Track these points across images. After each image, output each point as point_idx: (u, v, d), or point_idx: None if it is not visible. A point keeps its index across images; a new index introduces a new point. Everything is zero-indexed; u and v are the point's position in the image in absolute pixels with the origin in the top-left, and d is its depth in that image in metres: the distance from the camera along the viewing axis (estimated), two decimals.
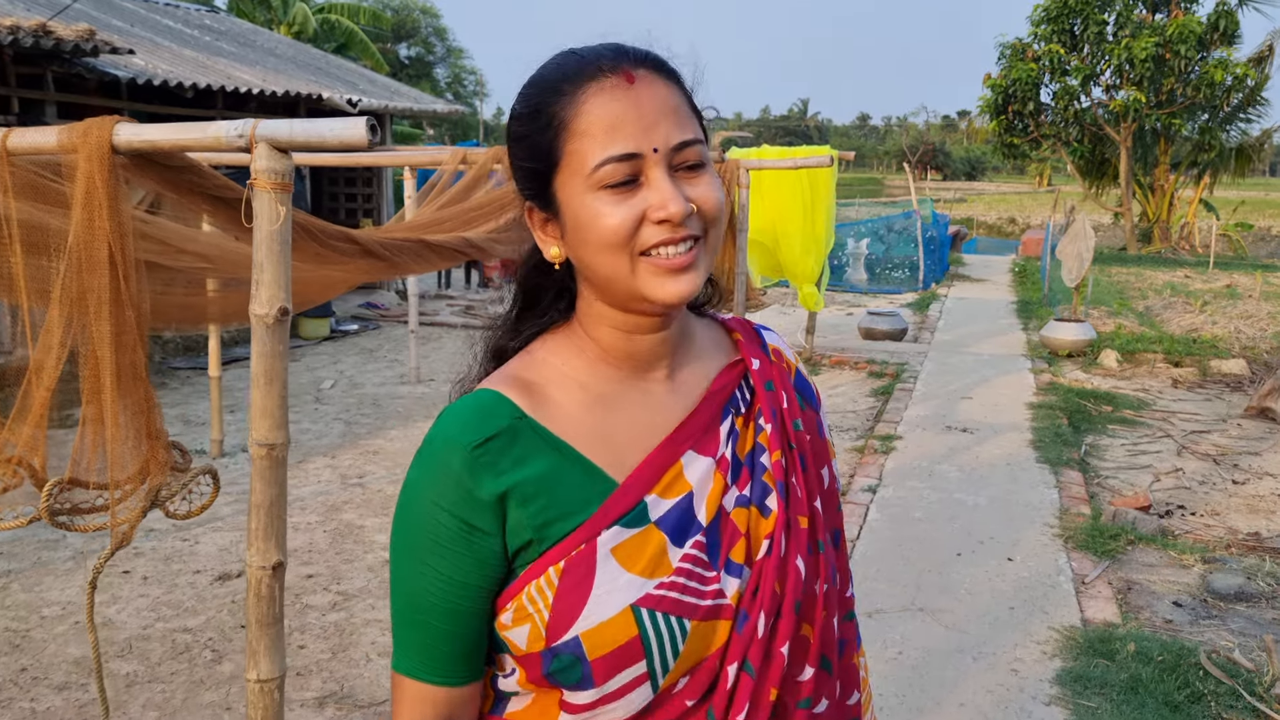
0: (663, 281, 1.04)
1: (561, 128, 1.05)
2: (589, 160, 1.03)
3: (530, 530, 1.05)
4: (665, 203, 1.02)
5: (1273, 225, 42.11)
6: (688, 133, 1.06)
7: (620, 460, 1.10)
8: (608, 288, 1.08)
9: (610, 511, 1.06)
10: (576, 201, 1.05)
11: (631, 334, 1.12)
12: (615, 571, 1.04)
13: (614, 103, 1.03)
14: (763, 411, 1.17)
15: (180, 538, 5.37)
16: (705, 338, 1.23)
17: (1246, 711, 3.74)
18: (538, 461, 1.07)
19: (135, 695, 3.81)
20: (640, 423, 1.13)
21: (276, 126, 2.43)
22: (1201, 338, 11.69)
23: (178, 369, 9.69)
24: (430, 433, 1.09)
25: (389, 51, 40.87)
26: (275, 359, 2.52)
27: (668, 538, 1.07)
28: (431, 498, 1.06)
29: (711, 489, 1.10)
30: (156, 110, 10.38)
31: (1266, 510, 6.24)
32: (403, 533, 1.10)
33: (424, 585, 1.07)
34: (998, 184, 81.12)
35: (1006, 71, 25.15)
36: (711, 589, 1.07)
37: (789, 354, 1.30)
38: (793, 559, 1.11)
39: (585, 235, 1.05)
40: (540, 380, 1.12)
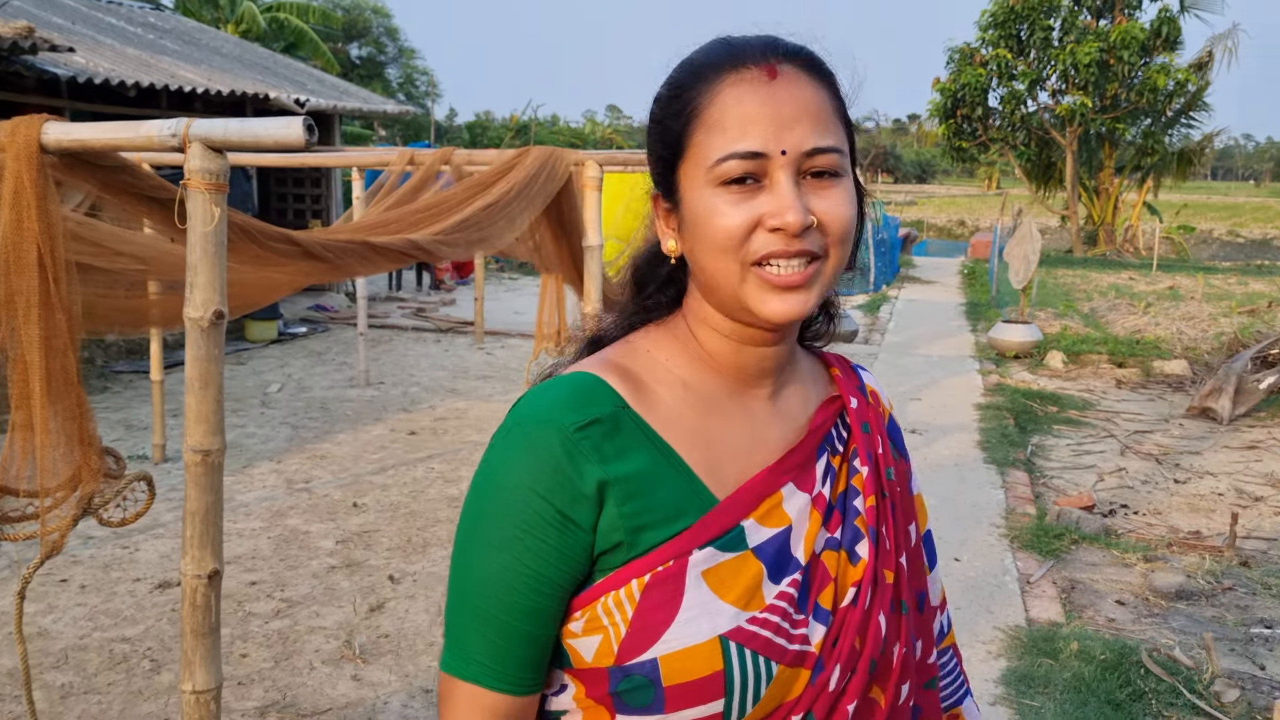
0: (768, 297, 0.97)
1: (693, 116, 0.99)
2: (712, 153, 0.97)
3: (623, 532, 0.96)
4: (782, 210, 0.95)
5: (1214, 228, 43.06)
6: (827, 139, 0.98)
7: (719, 473, 1.02)
8: (716, 291, 1.01)
9: (707, 529, 0.98)
10: (695, 195, 0.99)
11: (740, 343, 1.05)
12: (707, 596, 0.96)
13: (750, 96, 0.97)
14: (859, 453, 1.10)
15: (120, 545, 5.26)
16: (806, 366, 1.16)
17: (1186, 709, 3.80)
18: (639, 457, 0.98)
19: (70, 707, 3.72)
20: (741, 437, 1.05)
21: (211, 126, 2.38)
22: (1145, 339, 11.90)
23: (120, 373, 9.50)
24: (515, 412, 1.00)
25: (340, 51, 40.49)
26: (211, 363, 2.47)
27: (765, 570, 0.99)
28: (524, 482, 0.96)
29: (809, 528, 1.03)
30: (98, 109, 10.18)
31: (1207, 509, 6.35)
32: (481, 520, 0.99)
33: (504, 579, 0.97)
34: (947, 187, 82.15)
35: (955, 76, 25.46)
36: (800, 633, 0.99)
37: (884, 397, 1.23)
38: (876, 613, 1.04)
39: (699, 232, 0.99)
40: (642, 372, 1.05)
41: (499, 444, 0.99)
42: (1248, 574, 5.16)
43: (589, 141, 38.92)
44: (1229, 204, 62.51)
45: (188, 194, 2.39)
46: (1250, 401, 8.73)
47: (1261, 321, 12.86)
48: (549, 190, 4.85)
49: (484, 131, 39.79)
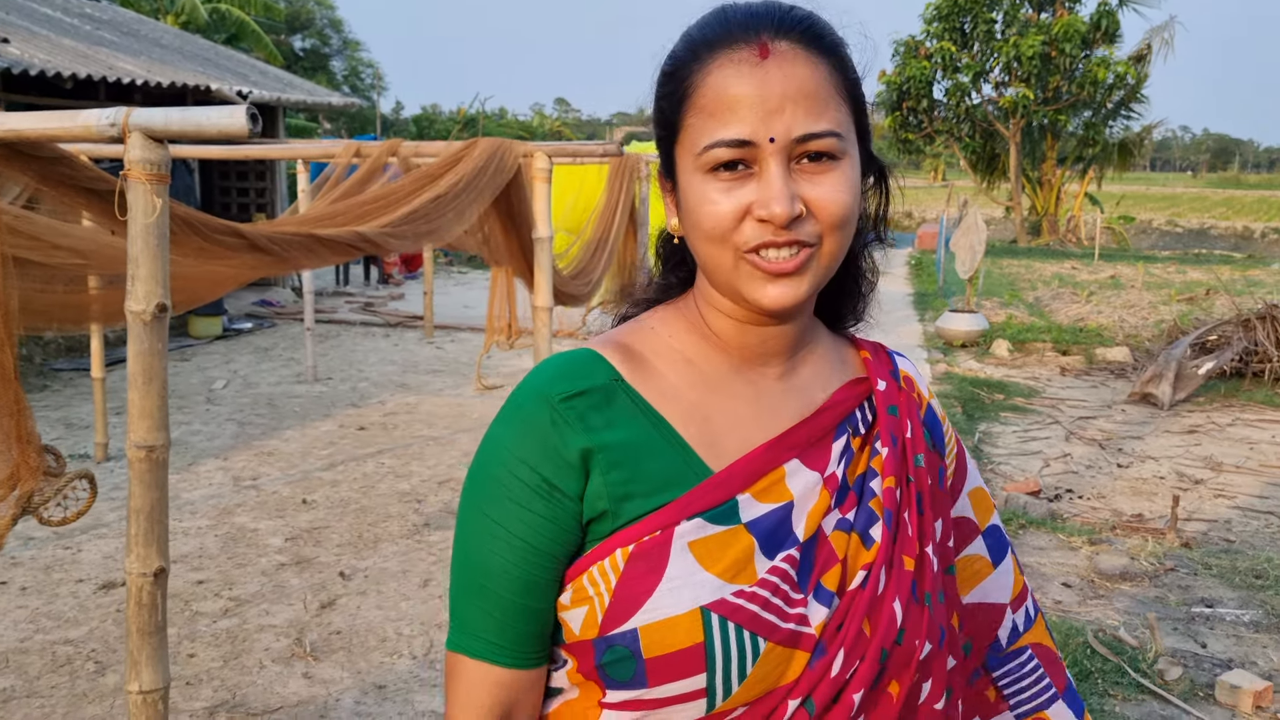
0: (760, 285, 0.95)
1: (685, 97, 0.96)
2: (701, 139, 0.94)
3: (607, 500, 0.96)
4: (769, 200, 0.92)
5: (1153, 218, 43.92)
6: (821, 123, 0.93)
7: (717, 447, 1.00)
8: (711, 276, 1.00)
9: (696, 500, 0.96)
10: (687, 179, 0.97)
11: (743, 323, 1.03)
12: (691, 566, 0.94)
13: (738, 79, 0.92)
14: (881, 436, 1.06)
15: (62, 546, 5.15)
16: (831, 350, 1.12)
17: (1132, 687, 3.87)
18: (628, 428, 0.98)
19: (12, 711, 3.63)
20: (745, 413, 1.03)
21: (151, 115, 2.33)
22: (1088, 327, 12.11)
23: (59, 370, 9.30)
24: (517, 388, 1.01)
25: (283, 43, 39.91)
26: (154, 357, 2.42)
27: (757, 543, 0.96)
28: (513, 452, 0.97)
29: (814, 505, 1.00)
30: (34, 101, 9.94)
31: (1149, 492, 6.48)
32: (475, 491, 1.00)
33: (496, 550, 0.97)
34: (894, 179, 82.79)
35: (901, 68, 25.73)
36: (795, 612, 0.96)
37: (922, 385, 1.17)
38: (889, 599, 0.99)
39: (691, 217, 0.97)
40: (644, 348, 1.04)
41: (497, 419, 1.01)
42: (1189, 555, 5.27)
43: (537, 134, 38.77)
44: (1167, 195, 63.85)
45: (128, 185, 2.34)
46: (1190, 387, 8.92)
47: (1199, 309, 13.15)
48: (498, 182, 4.81)
49: (431, 125, 39.45)
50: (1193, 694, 3.84)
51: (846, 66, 0.98)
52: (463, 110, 40.39)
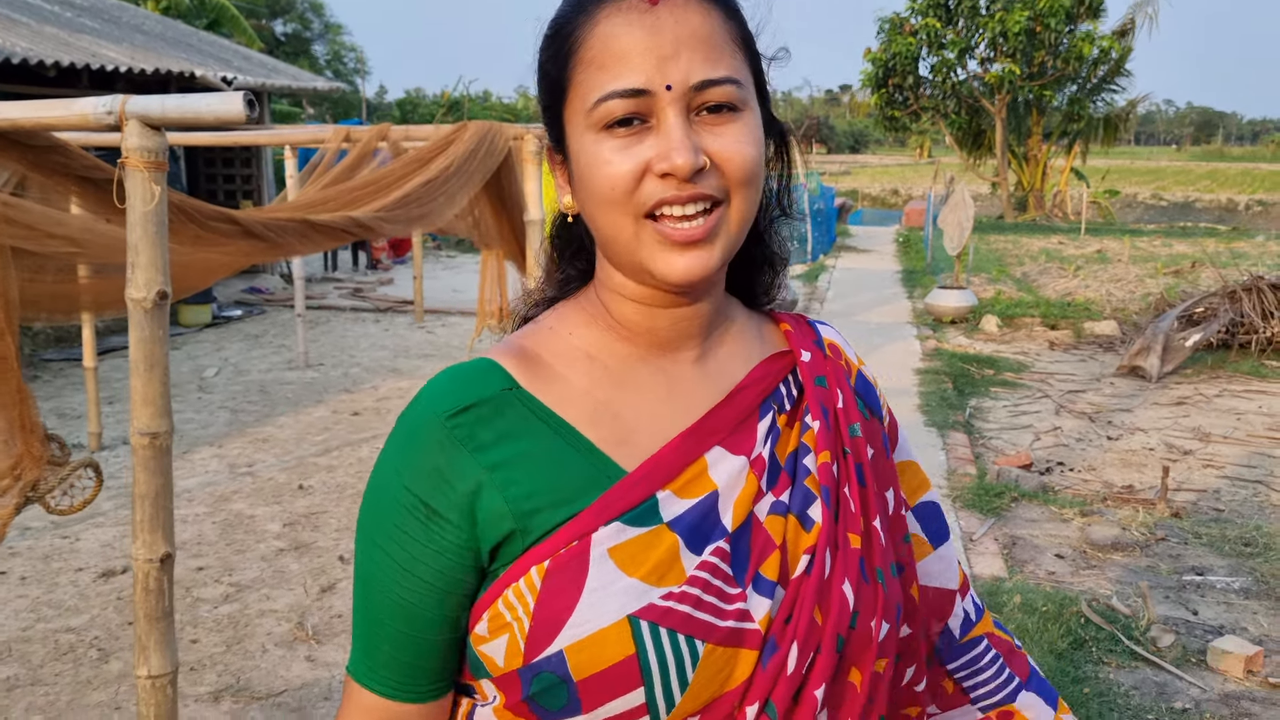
0: (667, 255, 0.87)
1: (571, 54, 0.89)
2: (591, 93, 0.87)
3: (512, 519, 0.88)
4: (669, 151, 0.84)
5: (1138, 192, 44.03)
6: (719, 69, 0.86)
7: (630, 445, 0.92)
8: (613, 251, 0.92)
9: (612, 504, 0.88)
10: (579, 142, 0.89)
11: (649, 306, 0.95)
12: (612, 574, 0.86)
13: (629, 26, 0.86)
14: (810, 409, 0.98)
15: (60, 535, 5.15)
16: (749, 326, 1.05)
17: (1125, 654, 3.93)
18: (527, 439, 0.90)
19: (17, 699, 3.65)
20: (659, 405, 0.95)
21: (148, 103, 2.33)
22: (1075, 301, 12.17)
23: (49, 361, 9.28)
24: (407, 406, 0.95)
25: (264, 28, 39.61)
26: (155, 344, 2.43)
27: (682, 541, 0.88)
28: (398, 477, 0.90)
29: (742, 491, 0.92)
30: (16, 90, 9.86)
31: (1138, 464, 6.54)
32: (365, 518, 0.94)
33: (378, 576, 0.92)
34: (880, 156, 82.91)
35: (886, 45, 25.68)
36: (734, 608, 0.87)
37: (850, 351, 1.10)
38: (838, 582, 0.92)
39: (586, 183, 0.89)
40: (543, 350, 0.96)
41: (389, 438, 0.95)
42: (1179, 524, 5.33)
43: (522, 116, 38.61)
44: (1152, 168, 63.99)
45: (126, 173, 2.34)
46: (1177, 359, 8.98)
47: (1186, 281, 13.22)
48: (489, 165, 4.81)
49: (415, 108, 39.25)
50: (1185, 660, 3.90)
51: (740, 18, 0.92)
52: (447, 94, 40.20)
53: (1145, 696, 3.66)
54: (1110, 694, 3.65)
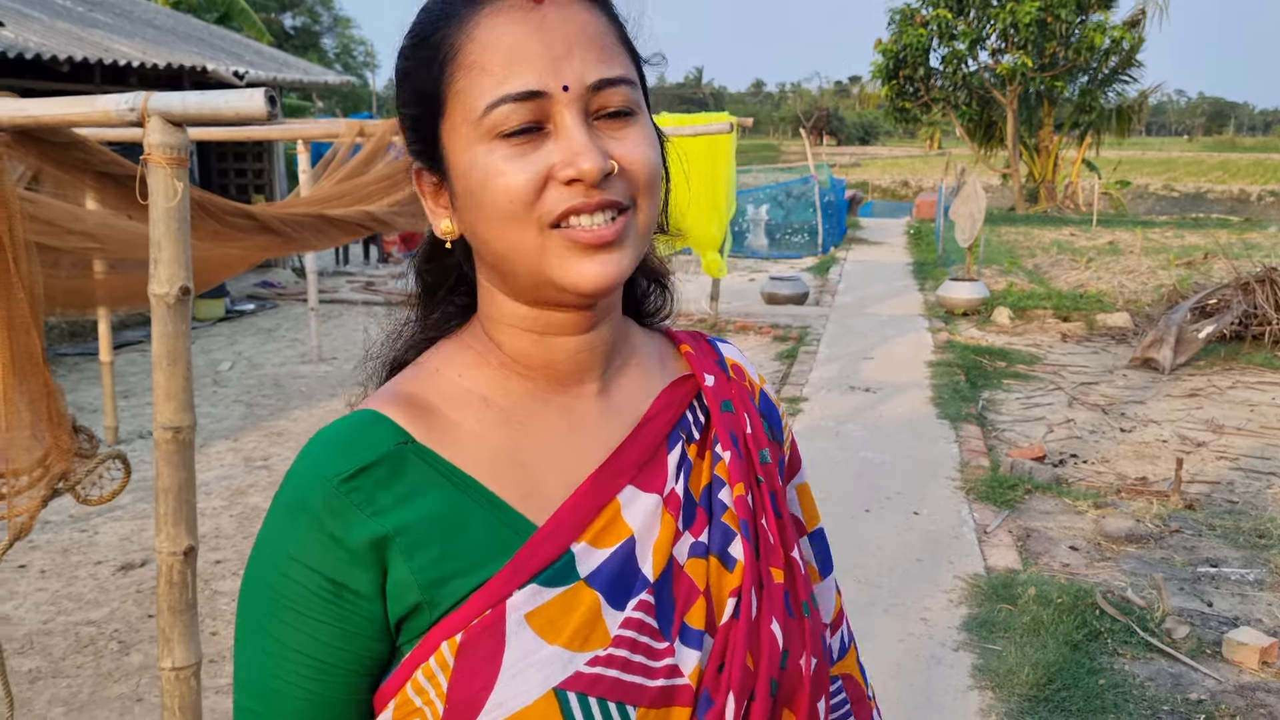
0: (577, 262, 0.80)
1: (449, 60, 0.81)
2: (479, 100, 0.79)
3: (417, 590, 0.79)
4: (574, 156, 0.78)
5: (1150, 183, 43.88)
6: (614, 68, 0.81)
7: (539, 496, 0.85)
8: (509, 271, 0.84)
9: (525, 565, 0.80)
10: (465, 157, 0.81)
11: (545, 335, 0.87)
12: (532, 644, 0.78)
13: (514, 25, 0.79)
14: (720, 438, 0.92)
15: (78, 529, 5.20)
16: (648, 350, 0.98)
17: (1140, 646, 3.94)
18: (429, 499, 0.81)
19: (40, 691, 3.69)
20: (564, 449, 0.88)
21: (170, 99, 2.35)
22: (1087, 293, 12.14)
23: (65, 355, 9.33)
24: (291, 468, 0.84)
25: (273, 22, 39.67)
26: (178, 339, 2.45)
27: (603, 598, 0.81)
28: (286, 550, 0.81)
29: (659, 534, 0.85)
30: (30, 85, 9.91)
31: (1152, 456, 6.54)
32: (249, 601, 0.84)
33: (278, 672, 0.82)
34: (890, 148, 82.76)
35: (897, 37, 25.61)
36: (663, 665, 0.81)
37: (752, 371, 1.04)
38: (765, 622, 0.86)
39: (477, 199, 0.81)
40: (432, 397, 0.87)
41: (270, 509, 0.85)
42: (1193, 516, 5.33)
43: None
44: (1163, 159, 63.73)
45: (148, 169, 2.36)
46: (1190, 351, 8.96)
47: (1198, 273, 13.18)
48: None
49: None
50: (1200, 651, 3.90)
51: (619, 22, 0.86)
52: None
53: (1160, 688, 3.66)
54: (1125, 685, 3.66)
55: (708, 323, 10.65)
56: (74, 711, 3.58)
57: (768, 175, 25.90)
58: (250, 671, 0.84)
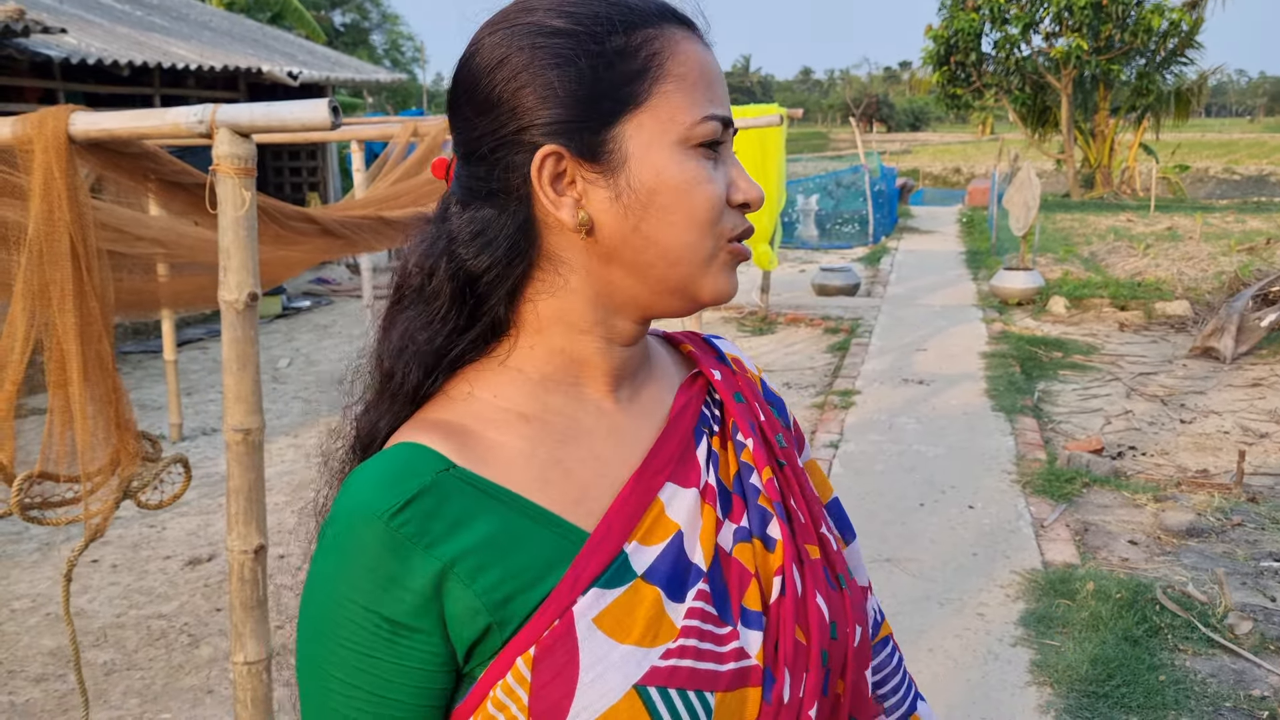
0: (729, 276, 0.89)
1: (653, 62, 0.84)
2: (689, 109, 0.84)
3: (487, 612, 0.80)
4: (750, 186, 0.87)
5: (1209, 166, 42.95)
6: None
7: (586, 504, 0.86)
8: (662, 275, 0.87)
9: (584, 570, 0.82)
10: (659, 156, 0.84)
11: (612, 343, 0.91)
12: (605, 646, 0.80)
13: (704, 55, 0.87)
14: (739, 426, 0.96)
15: (147, 524, 5.34)
16: (658, 352, 1.02)
17: (1202, 642, 3.89)
18: (481, 521, 0.82)
19: (114, 683, 3.81)
20: (605, 453, 0.90)
21: (237, 111, 2.41)
22: (1145, 281, 11.94)
23: (128, 353, 9.55)
24: (334, 506, 0.85)
25: (323, 19, 40.13)
26: (247, 344, 2.52)
27: (663, 592, 0.83)
28: (342, 591, 0.81)
29: (704, 526, 0.88)
30: (92, 90, 10.15)
31: (1213, 448, 6.43)
32: (307, 644, 0.84)
33: (341, 710, 0.83)
34: (941, 134, 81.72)
35: (948, 22, 25.28)
36: (731, 648, 0.83)
37: (750, 365, 1.09)
38: (811, 597, 0.89)
39: (668, 202, 0.84)
40: (467, 420, 0.87)
41: (319, 549, 0.85)
42: (1255, 509, 5.25)
43: None
44: (1224, 141, 62.30)
45: (217, 179, 2.43)
46: (1252, 339, 8.79)
47: (1260, 259, 12.89)
48: None
49: None
50: (1264, 647, 3.85)
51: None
52: None
53: (1222, 684, 3.63)
54: (1186, 681, 3.63)
55: (759, 315, 10.64)
56: (148, 703, 3.69)
57: (817, 164, 25.76)
58: (313, 708, 0.84)
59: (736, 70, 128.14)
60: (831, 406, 7.31)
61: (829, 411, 7.19)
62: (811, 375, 8.47)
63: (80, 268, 2.61)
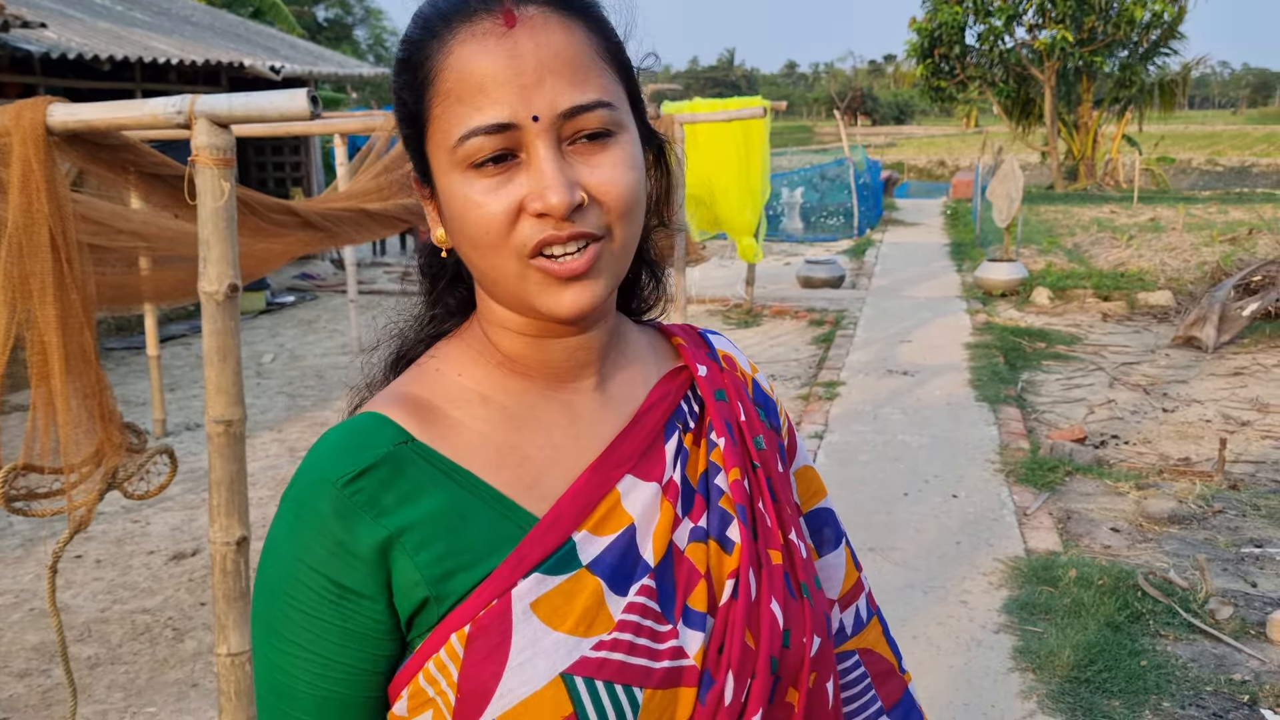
0: (553, 291, 0.82)
1: (428, 84, 0.82)
2: (453, 130, 0.80)
3: (426, 585, 0.81)
4: (544, 190, 0.79)
5: (1192, 158, 43.16)
6: (588, 93, 0.81)
7: (539, 489, 0.87)
8: (495, 290, 0.86)
9: (527, 555, 0.82)
10: (446, 181, 0.83)
11: (542, 338, 0.89)
12: (538, 631, 0.80)
13: (484, 54, 0.79)
14: (714, 425, 0.95)
15: (131, 519, 5.32)
16: (641, 343, 1.00)
17: (1183, 627, 3.93)
18: (431, 496, 0.83)
19: (99, 677, 3.80)
20: (563, 442, 0.90)
21: (216, 101, 2.41)
22: (1128, 271, 12.00)
23: (111, 349, 9.51)
24: (297, 471, 0.86)
25: (306, 14, 39.95)
26: (228, 335, 2.52)
27: (605, 584, 0.83)
28: (294, 553, 0.83)
29: (659, 521, 0.87)
30: (72, 85, 10.08)
31: (1195, 436, 6.48)
32: (261, 603, 0.86)
33: (286, 667, 0.84)
34: (926, 127, 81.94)
35: (931, 14, 25.34)
36: (667, 646, 0.83)
37: (744, 362, 1.06)
38: (765, 602, 0.88)
39: (458, 225, 0.83)
40: (433, 396, 0.89)
41: (278, 513, 0.87)
42: (1236, 497, 5.29)
43: None
44: (1207, 133, 62.63)
45: (196, 170, 2.42)
46: (1234, 329, 8.85)
47: (1242, 249, 12.97)
48: None
49: None
50: (1244, 632, 3.89)
51: (606, 29, 0.85)
52: None
53: (1204, 669, 3.66)
54: (1168, 666, 3.66)
55: (744, 307, 10.66)
56: (132, 697, 3.68)
57: (802, 158, 25.77)
58: (266, 669, 0.86)
59: (721, 64, 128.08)
60: (816, 398, 7.33)
61: (814, 402, 7.21)
62: (796, 367, 8.49)
63: (60, 260, 2.60)
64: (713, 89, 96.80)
